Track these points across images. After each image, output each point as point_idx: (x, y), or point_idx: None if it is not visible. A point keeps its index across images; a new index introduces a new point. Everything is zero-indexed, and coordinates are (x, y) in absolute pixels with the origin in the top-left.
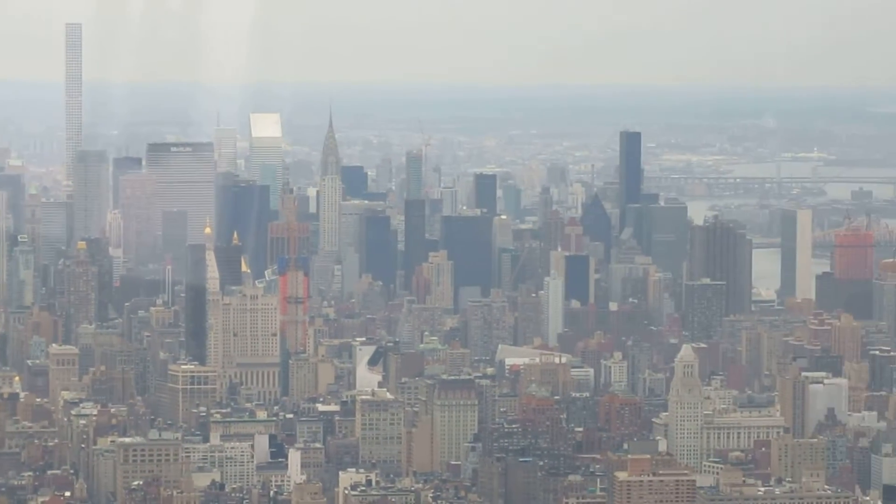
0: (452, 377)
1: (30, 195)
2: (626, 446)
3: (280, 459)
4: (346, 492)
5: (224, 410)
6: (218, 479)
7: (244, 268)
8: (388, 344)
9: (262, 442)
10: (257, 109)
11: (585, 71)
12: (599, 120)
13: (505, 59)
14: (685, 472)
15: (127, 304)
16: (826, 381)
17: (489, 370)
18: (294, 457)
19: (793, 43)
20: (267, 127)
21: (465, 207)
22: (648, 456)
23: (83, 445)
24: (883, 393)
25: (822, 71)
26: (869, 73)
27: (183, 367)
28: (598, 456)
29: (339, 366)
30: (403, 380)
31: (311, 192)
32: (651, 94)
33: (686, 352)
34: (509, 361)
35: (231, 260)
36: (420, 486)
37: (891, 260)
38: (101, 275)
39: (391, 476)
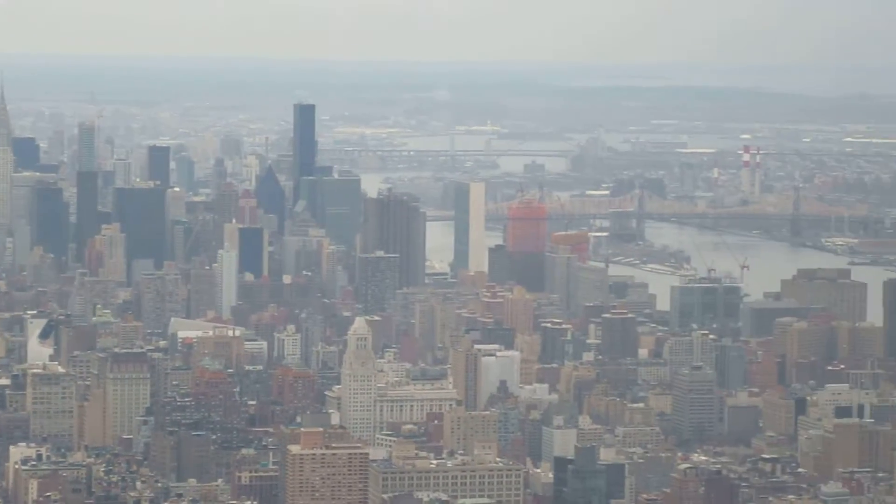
0: (125, 350)
1: None
2: (298, 419)
3: None
4: (17, 466)
5: None
6: None
7: None
8: (60, 317)
9: None
10: None
11: (262, 44)
12: (275, 93)
13: (180, 31)
14: (358, 445)
15: None
16: (498, 353)
17: (162, 343)
18: None
19: (458, 17)
20: None
21: (138, 179)
22: (321, 429)
23: None
24: (554, 365)
25: (495, 45)
26: (539, 46)
27: None
28: (271, 429)
29: (10, 339)
30: (75, 353)
31: None
32: (327, 68)
33: (359, 324)
34: (182, 334)
35: None
36: (92, 460)
37: (562, 233)
38: None
39: (62, 450)
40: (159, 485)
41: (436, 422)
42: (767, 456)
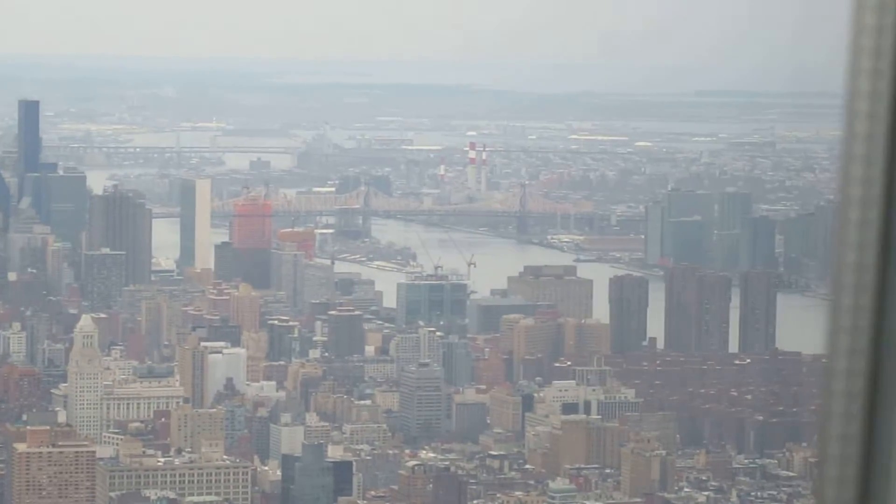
0: None
1: None
2: (24, 418)
3: None
4: None
5: None
6: None
7: None
8: None
9: None
10: None
11: None
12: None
13: None
14: (85, 443)
15: None
16: (225, 350)
17: None
18: None
19: (182, 13)
20: None
21: None
22: (47, 427)
23: None
24: (281, 363)
25: (218, 41)
26: (263, 42)
27: None
28: None
29: None
30: None
31: None
32: (51, 63)
33: (85, 322)
34: None
35: None
36: None
37: (288, 230)
38: None
39: None
40: None
41: (163, 420)
42: (495, 453)
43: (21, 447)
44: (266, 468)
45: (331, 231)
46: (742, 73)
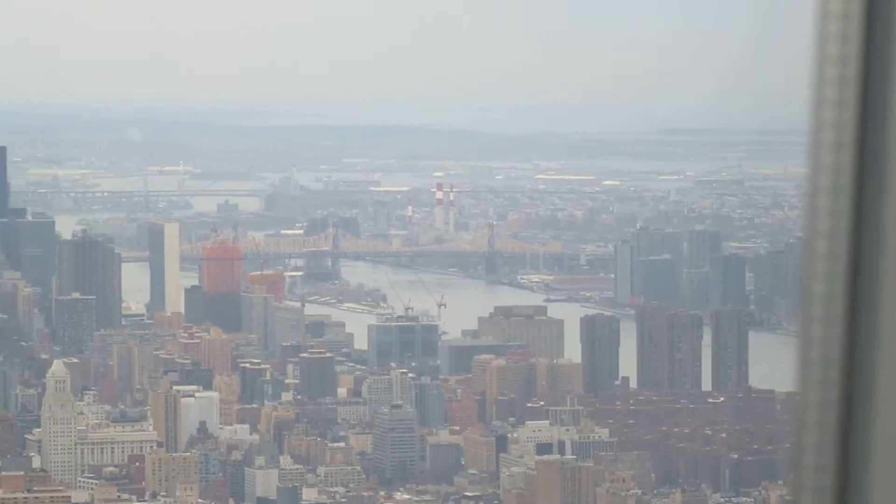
0: None
1: None
2: None
3: None
4: None
5: None
6: None
7: None
8: None
9: None
10: None
11: None
12: None
13: None
14: (60, 488)
15: None
16: (198, 394)
17: None
18: None
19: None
20: None
21: None
22: (22, 473)
23: None
24: (254, 405)
25: (181, 84)
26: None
27: None
28: None
29: None
30: None
31: None
32: (17, 110)
33: (57, 367)
34: None
35: None
36: None
37: (258, 273)
38: None
39: None
40: None
41: (137, 464)
42: (470, 494)
43: None
44: None
45: (300, 273)
46: (706, 110)
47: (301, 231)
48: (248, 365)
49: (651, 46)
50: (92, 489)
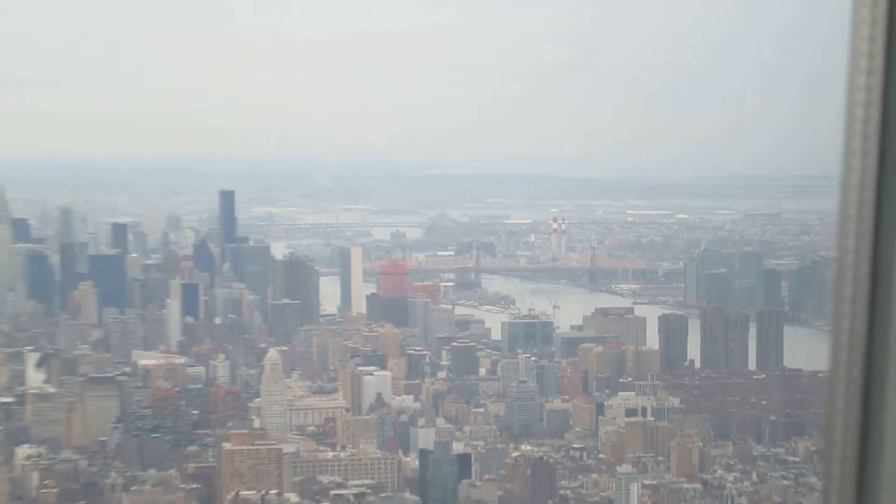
0: (99, 375)
1: None
2: (230, 424)
3: None
4: (22, 462)
5: None
6: None
7: None
8: (50, 351)
9: None
10: None
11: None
12: (203, 181)
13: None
14: (274, 442)
15: None
16: (376, 373)
17: (126, 369)
18: None
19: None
20: None
21: (104, 248)
22: (246, 431)
23: None
24: (417, 381)
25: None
26: (388, 144)
27: None
28: (209, 432)
29: (13, 368)
30: (62, 378)
31: None
32: (240, 161)
33: (272, 353)
34: (142, 363)
35: None
36: (77, 457)
37: (420, 283)
38: None
39: (55, 450)
40: (128, 474)
41: (330, 424)
42: (576, 446)
43: (227, 446)
44: (407, 459)
45: (451, 284)
46: (754, 159)
47: (452, 252)
48: (412, 352)
49: (712, 107)
50: (298, 443)
